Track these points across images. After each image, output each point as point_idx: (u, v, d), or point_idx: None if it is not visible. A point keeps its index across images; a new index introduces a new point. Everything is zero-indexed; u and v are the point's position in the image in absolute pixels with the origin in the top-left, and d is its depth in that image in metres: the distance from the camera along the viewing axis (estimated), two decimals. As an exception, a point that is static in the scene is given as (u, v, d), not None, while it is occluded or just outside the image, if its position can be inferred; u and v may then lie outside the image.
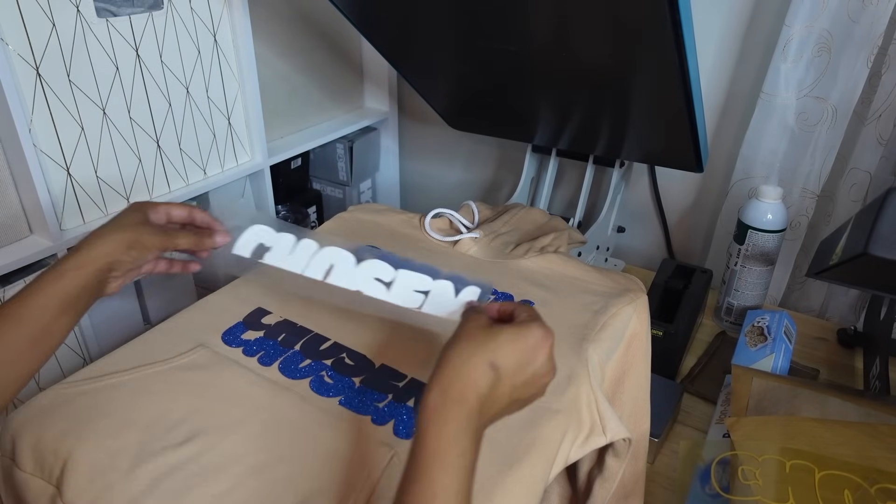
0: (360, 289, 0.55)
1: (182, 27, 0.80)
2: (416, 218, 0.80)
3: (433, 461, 0.37)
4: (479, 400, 0.39)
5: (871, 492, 0.54)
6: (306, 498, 0.44)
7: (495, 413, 0.41)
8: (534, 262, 0.71)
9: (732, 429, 0.62)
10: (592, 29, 0.67)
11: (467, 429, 0.38)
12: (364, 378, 0.55)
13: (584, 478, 0.63)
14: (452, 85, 0.96)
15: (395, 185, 1.33)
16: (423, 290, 0.53)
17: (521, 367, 0.41)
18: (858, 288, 0.88)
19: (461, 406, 0.39)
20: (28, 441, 0.49)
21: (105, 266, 0.52)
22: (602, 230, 1.02)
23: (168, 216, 0.58)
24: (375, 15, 0.82)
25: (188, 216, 0.59)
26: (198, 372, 0.55)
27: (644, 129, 0.85)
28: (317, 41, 1.08)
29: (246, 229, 0.60)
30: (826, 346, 0.92)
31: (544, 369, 0.43)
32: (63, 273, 0.50)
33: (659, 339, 0.80)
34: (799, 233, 0.98)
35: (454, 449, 0.38)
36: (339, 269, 0.56)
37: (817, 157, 0.92)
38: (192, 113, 0.86)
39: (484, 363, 0.40)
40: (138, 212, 0.56)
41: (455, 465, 0.37)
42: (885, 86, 0.84)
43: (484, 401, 0.40)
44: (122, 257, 0.53)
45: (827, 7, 0.82)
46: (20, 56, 0.66)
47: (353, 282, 0.55)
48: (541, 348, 0.42)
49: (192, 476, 0.46)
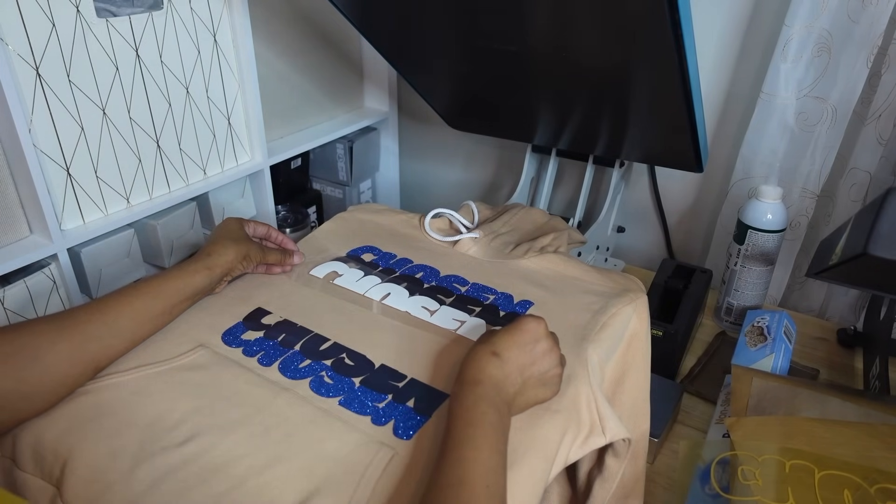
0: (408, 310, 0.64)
1: (182, 27, 0.80)
2: (416, 218, 0.80)
3: (458, 421, 0.45)
4: (490, 381, 0.47)
5: (870, 492, 0.54)
6: (306, 498, 0.44)
7: (513, 391, 0.48)
8: (534, 262, 0.71)
9: (732, 429, 0.62)
10: (592, 29, 0.68)
11: (484, 398, 0.46)
12: (364, 378, 0.55)
13: (584, 478, 0.63)
14: (452, 85, 0.96)
15: (395, 185, 1.33)
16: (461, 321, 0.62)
17: (523, 351, 0.49)
18: (858, 288, 0.88)
19: (475, 386, 0.47)
20: (28, 441, 0.49)
21: (226, 271, 0.64)
22: (602, 230, 1.02)
23: (254, 231, 0.70)
24: (375, 15, 0.82)
25: (266, 233, 0.71)
26: (198, 372, 0.55)
27: (644, 129, 0.85)
28: (317, 41, 1.08)
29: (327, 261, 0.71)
30: (826, 346, 0.92)
31: (548, 348, 0.50)
32: (197, 271, 0.61)
33: (659, 339, 0.80)
34: (799, 233, 0.98)
35: (476, 410, 0.45)
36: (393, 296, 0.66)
37: (817, 157, 0.92)
38: (191, 113, 0.86)
39: (486, 352, 0.49)
40: (240, 227, 0.68)
41: (479, 421, 0.44)
42: (885, 86, 0.84)
43: (495, 381, 0.48)
44: (237, 265, 0.65)
45: (827, 7, 0.82)
46: (20, 56, 0.66)
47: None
48: (536, 332, 0.50)
49: (192, 476, 0.46)
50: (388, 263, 0.72)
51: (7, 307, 0.70)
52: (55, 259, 0.73)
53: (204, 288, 0.62)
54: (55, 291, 0.74)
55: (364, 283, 0.68)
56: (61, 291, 0.75)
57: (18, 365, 0.49)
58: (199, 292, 0.62)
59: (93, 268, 0.78)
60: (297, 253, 0.71)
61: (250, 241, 0.67)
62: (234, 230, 0.67)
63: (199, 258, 0.62)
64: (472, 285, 0.68)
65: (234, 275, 0.66)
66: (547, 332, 0.51)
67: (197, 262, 0.62)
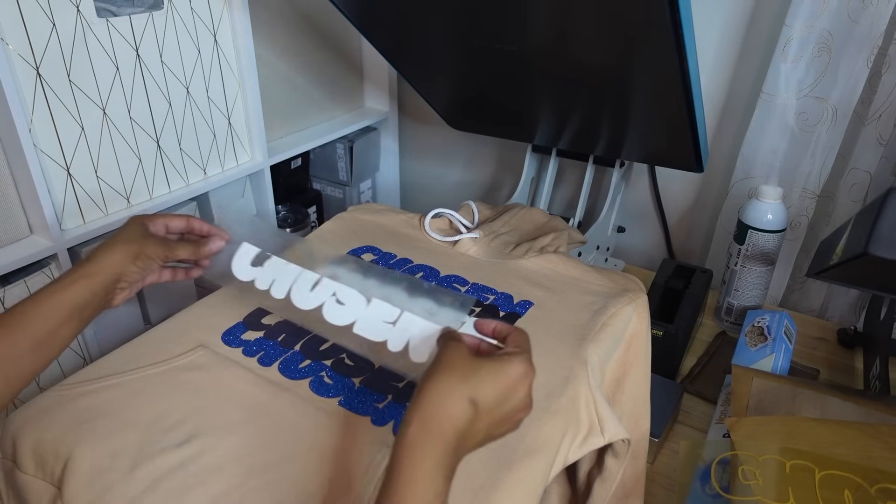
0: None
1: (182, 27, 0.80)
2: (416, 218, 0.80)
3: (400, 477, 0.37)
4: (457, 435, 0.39)
5: (871, 492, 0.54)
6: (306, 498, 0.44)
7: (470, 447, 0.41)
8: (533, 263, 0.71)
9: (732, 429, 0.62)
10: (592, 29, 0.67)
11: (444, 466, 0.38)
12: (364, 378, 0.55)
13: (584, 478, 0.63)
14: (452, 85, 0.96)
15: (395, 185, 1.33)
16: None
17: (500, 404, 0.41)
18: (858, 288, 0.87)
19: (440, 441, 0.38)
20: (29, 442, 0.49)
21: (113, 277, 0.54)
22: (602, 230, 1.02)
23: (166, 227, 0.60)
24: (375, 15, 0.82)
25: (186, 226, 0.61)
26: (198, 372, 0.55)
27: (644, 129, 0.85)
28: (317, 41, 1.08)
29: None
30: (826, 346, 0.92)
31: (522, 405, 0.42)
32: (72, 282, 0.51)
33: (659, 339, 0.80)
34: (799, 233, 0.98)
35: (430, 487, 0.37)
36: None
37: (817, 157, 0.92)
38: (192, 113, 0.86)
39: (464, 399, 0.39)
40: (139, 225, 0.57)
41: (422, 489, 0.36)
42: (885, 86, 0.84)
43: (462, 436, 0.39)
44: (128, 268, 0.55)
45: (827, 7, 0.82)
46: (20, 56, 0.66)
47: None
48: (521, 386, 0.42)
49: (192, 476, 0.46)
50: (388, 263, 0.72)
51: (7, 307, 0.70)
52: (55, 259, 0.73)
53: (87, 301, 0.52)
54: (55, 291, 0.74)
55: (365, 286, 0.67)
56: (61, 291, 0.75)
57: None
58: (84, 307, 0.52)
59: (93, 268, 0.78)
60: (213, 238, 0.60)
61: (147, 238, 0.57)
62: (127, 229, 0.57)
63: (76, 266, 0.53)
64: (472, 285, 0.68)
65: (130, 280, 0.56)
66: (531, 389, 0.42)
67: (72, 272, 0.52)
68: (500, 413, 0.41)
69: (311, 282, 0.55)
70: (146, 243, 0.56)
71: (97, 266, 0.53)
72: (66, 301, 0.51)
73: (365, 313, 0.51)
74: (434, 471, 0.37)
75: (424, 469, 0.37)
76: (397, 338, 0.49)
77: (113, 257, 0.54)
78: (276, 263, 0.58)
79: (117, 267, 0.54)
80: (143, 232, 0.57)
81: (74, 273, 0.52)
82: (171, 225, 0.60)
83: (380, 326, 0.50)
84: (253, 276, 0.58)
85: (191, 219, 0.61)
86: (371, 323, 0.50)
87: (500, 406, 0.41)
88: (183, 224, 0.61)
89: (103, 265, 0.53)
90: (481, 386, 0.40)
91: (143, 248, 0.56)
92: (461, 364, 0.41)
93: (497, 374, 0.41)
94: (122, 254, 0.54)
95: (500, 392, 0.41)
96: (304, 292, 0.55)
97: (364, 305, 0.52)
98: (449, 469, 0.38)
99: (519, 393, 0.41)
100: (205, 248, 0.59)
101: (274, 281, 0.57)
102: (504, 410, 0.41)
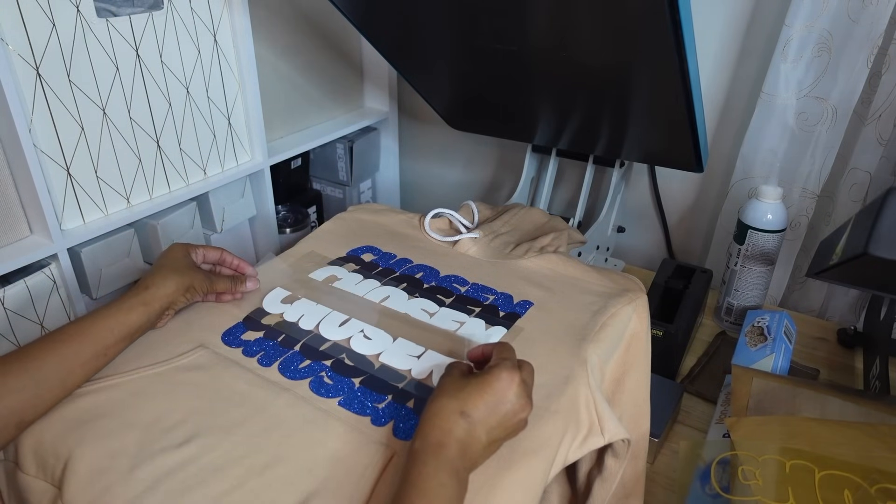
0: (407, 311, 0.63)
1: (182, 27, 0.80)
2: (416, 218, 0.80)
3: (412, 490, 0.41)
4: (456, 444, 0.44)
5: (871, 492, 0.54)
6: (306, 499, 0.44)
7: (477, 453, 0.45)
8: (533, 263, 0.71)
9: (732, 429, 0.62)
10: (593, 29, 0.67)
11: (446, 467, 0.43)
12: (364, 379, 0.55)
13: (584, 478, 0.63)
14: (452, 85, 0.96)
15: (395, 185, 1.33)
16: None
17: (492, 411, 0.45)
18: (858, 288, 0.87)
19: (440, 450, 0.43)
20: (30, 443, 0.49)
21: (166, 305, 0.59)
22: (602, 230, 1.02)
23: (203, 257, 0.66)
24: (375, 15, 0.82)
25: (219, 258, 0.67)
26: (198, 373, 0.55)
27: (644, 129, 0.85)
28: (317, 41, 1.08)
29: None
30: (826, 346, 0.92)
31: (517, 406, 0.46)
32: (131, 308, 0.57)
33: (659, 339, 0.80)
34: (799, 233, 0.98)
35: (434, 480, 0.42)
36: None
37: (817, 157, 0.92)
38: (192, 113, 0.86)
39: (455, 413, 0.45)
40: (185, 255, 0.63)
41: (435, 494, 0.41)
42: (885, 86, 0.84)
43: (463, 445, 0.44)
44: (179, 298, 0.60)
45: (827, 7, 0.82)
46: (20, 56, 0.66)
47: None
48: (507, 389, 0.46)
49: (192, 477, 0.46)
50: (388, 263, 0.72)
51: (7, 307, 0.70)
52: (55, 259, 0.73)
53: (142, 325, 0.57)
54: (55, 291, 0.74)
55: (363, 286, 0.67)
56: (61, 291, 0.75)
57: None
58: (137, 330, 0.57)
59: (93, 268, 0.78)
60: (250, 279, 0.66)
61: (195, 271, 0.62)
62: (177, 259, 0.62)
63: (136, 292, 0.58)
64: (471, 285, 0.68)
65: (176, 308, 0.61)
66: (521, 390, 0.46)
67: (132, 298, 0.57)
68: (495, 418, 0.46)
69: (340, 320, 0.62)
70: (195, 277, 0.61)
71: (154, 295, 0.58)
72: (125, 323, 0.56)
73: (392, 347, 0.58)
74: (436, 469, 0.42)
75: (427, 470, 0.42)
76: (421, 369, 0.56)
77: (167, 289, 0.59)
78: (306, 303, 0.64)
79: (170, 297, 0.59)
80: (189, 263, 0.63)
81: (134, 299, 0.57)
82: (208, 255, 0.66)
83: (405, 358, 0.57)
84: (282, 310, 0.64)
85: (224, 252, 0.67)
86: (397, 355, 0.57)
87: (492, 412, 0.45)
88: (217, 256, 0.67)
89: (161, 294, 0.58)
90: (470, 399, 0.45)
91: (193, 282, 0.61)
92: (451, 385, 0.47)
93: (482, 386, 0.46)
94: (176, 285, 0.60)
95: (489, 401, 0.45)
96: (333, 327, 0.61)
97: (391, 342, 0.59)
98: (453, 471, 0.43)
99: (508, 396, 0.46)
100: (242, 286, 0.66)
101: (303, 315, 0.63)
102: (499, 415, 0.46)
